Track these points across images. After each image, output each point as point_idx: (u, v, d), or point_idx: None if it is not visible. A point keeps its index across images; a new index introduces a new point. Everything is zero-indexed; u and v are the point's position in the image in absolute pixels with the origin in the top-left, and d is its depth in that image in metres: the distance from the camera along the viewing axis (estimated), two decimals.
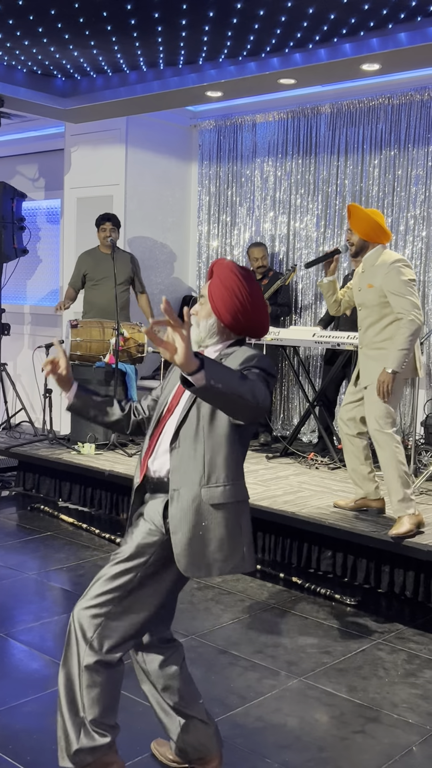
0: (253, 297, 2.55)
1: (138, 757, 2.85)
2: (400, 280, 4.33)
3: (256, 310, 2.56)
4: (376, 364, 4.40)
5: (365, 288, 4.48)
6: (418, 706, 3.29)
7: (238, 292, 2.52)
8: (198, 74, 6.19)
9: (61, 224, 8.23)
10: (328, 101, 7.00)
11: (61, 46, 5.92)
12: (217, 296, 2.52)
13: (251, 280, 2.58)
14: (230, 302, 2.52)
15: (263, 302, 2.61)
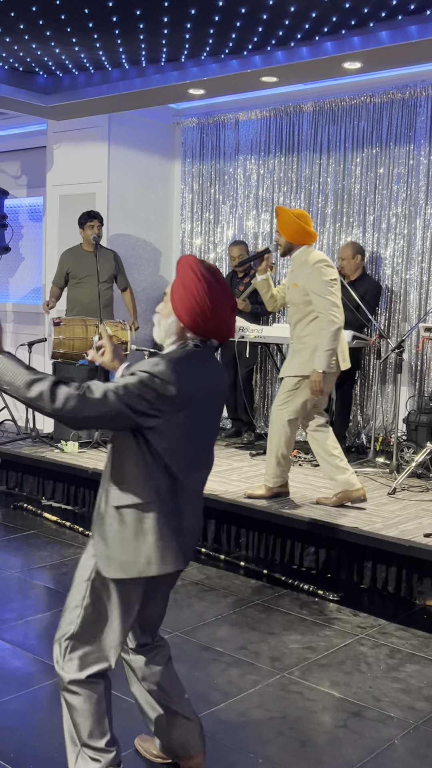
0: (213, 297, 2.43)
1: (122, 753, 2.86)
2: (321, 281, 4.66)
3: (217, 311, 2.44)
4: (295, 358, 4.76)
5: (292, 287, 4.81)
6: (400, 700, 3.32)
7: (195, 291, 2.42)
8: (180, 72, 6.19)
9: (43, 222, 8.21)
10: (311, 99, 7.02)
11: (42, 43, 5.90)
12: (177, 295, 2.45)
13: (214, 279, 2.46)
14: (187, 302, 2.43)
15: (227, 303, 2.48)
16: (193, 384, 2.41)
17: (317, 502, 4.99)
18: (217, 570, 4.78)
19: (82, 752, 2.49)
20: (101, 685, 2.49)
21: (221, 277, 2.50)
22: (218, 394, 2.56)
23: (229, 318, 2.51)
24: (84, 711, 2.47)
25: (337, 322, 4.65)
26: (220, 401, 2.59)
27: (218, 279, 2.48)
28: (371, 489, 5.46)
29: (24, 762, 2.81)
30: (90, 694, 2.47)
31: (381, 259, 6.79)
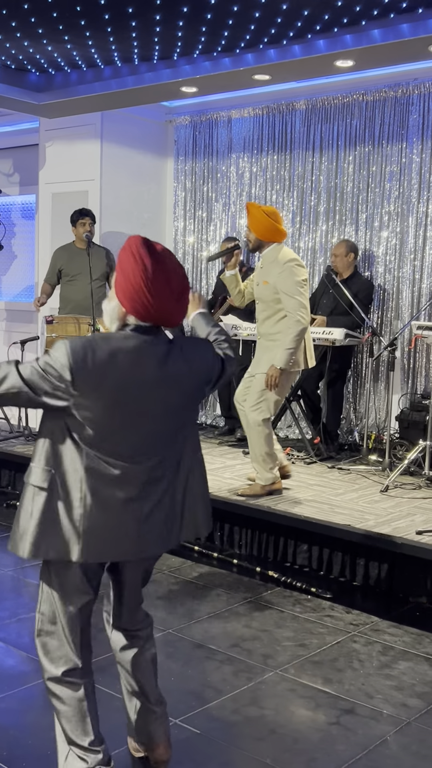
0: (150, 280, 2.32)
1: (114, 751, 2.86)
2: (292, 281, 4.73)
3: (155, 294, 2.34)
4: (266, 355, 4.88)
5: (262, 284, 4.87)
6: (393, 697, 3.33)
7: (131, 274, 2.34)
8: (172, 70, 6.19)
9: (36, 220, 8.19)
10: (303, 97, 7.03)
11: (34, 41, 5.89)
12: (116, 279, 2.39)
13: (154, 261, 2.34)
14: (124, 285, 2.35)
15: (169, 287, 2.36)
16: (110, 369, 2.31)
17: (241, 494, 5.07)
18: (210, 568, 4.78)
19: (71, 751, 2.52)
20: (80, 685, 2.50)
21: (168, 259, 2.38)
22: (164, 380, 2.39)
23: (170, 301, 2.38)
24: (66, 711, 2.50)
25: (303, 322, 4.76)
26: (170, 388, 2.41)
27: (160, 260, 2.35)
28: (364, 486, 5.48)
29: (17, 760, 2.81)
30: (70, 693, 2.49)
31: (373, 257, 6.80)
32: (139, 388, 2.36)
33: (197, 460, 2.63)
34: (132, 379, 2.34)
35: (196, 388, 2.51)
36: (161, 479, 2.48)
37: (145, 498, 2.44)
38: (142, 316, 2.37)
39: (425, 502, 5.12)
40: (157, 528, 2.48)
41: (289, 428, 7.16)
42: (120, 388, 2.33)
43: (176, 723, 3.07)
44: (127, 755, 2.85)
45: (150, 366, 2.38)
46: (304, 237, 7.16)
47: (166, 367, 2.41)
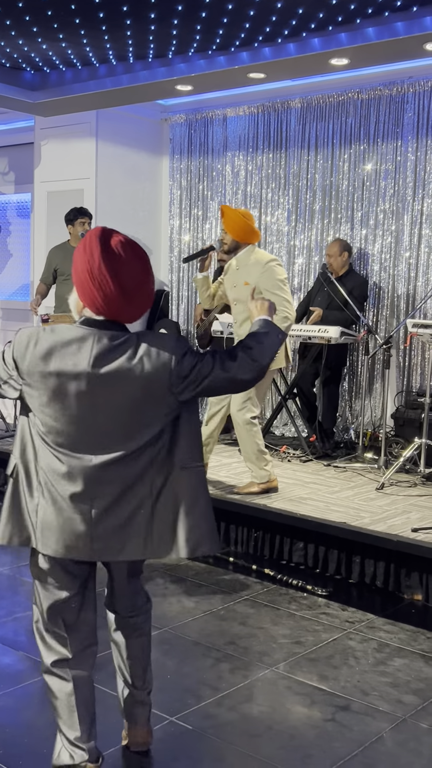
0: (96, 272, 2.26)
1: (112, 748, 2.87)
2: (275, 279, 4.80)
3: (100, 288, 2.27)
4: None
5: (241, 285, 4.87)
6: (388, 693, 3.34)
7: (79, 264, 2.30)
8: (168, 68, 6.19)
9: (31, 218, 8.19)
10: (298, 96, 7.03)
11: (29, 39, 5.89)
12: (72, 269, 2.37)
13: (104, 253, 2.27)
14: (74, 276, 2.32)
15: (116, 281, 2.27)
16: (50, 360, 2.30)
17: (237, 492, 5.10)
18: (207, 566, 4.79)
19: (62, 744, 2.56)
20: (68, 679, 2.52)
21: (124, 252, 2.30)
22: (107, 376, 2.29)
23: (117, 296, 2.29)
24: (55, 703, 2.54)
25: (290, 318, 4.82)
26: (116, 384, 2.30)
27: (111, 253, 2.28)
28: (360, 484, 5.49)
29: (13, 758, 2.81)
30: (59, 686, 2.52)
31: (369, 255, 6.81)
32: (77, 381, 2.31)
33: (185, 475, 2.44)
34: (71, 372, 2.31)
35: (153, 388, 2.33)
36: (114, 482, 2.37)
37: (94, 498, 2.36)
38: (95, 309, 2.34)
39: (421, 499, 5.13)
40: (112, 534, 2.39)
41: (285, 426, 7.17)
42: (59, 380, 2.31)
43: (172, 720, 3.07)
44: (122, 754, 2.86)
45: (90, 360, 2.30)
46: (300, 235, 7.16)
47: (111, 362, 2.30)
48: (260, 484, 5.08)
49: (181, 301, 7.98)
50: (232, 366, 2.42)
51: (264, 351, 2.48)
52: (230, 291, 4.99)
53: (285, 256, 7.26)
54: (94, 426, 2.35)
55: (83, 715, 2.53)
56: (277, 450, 6.31)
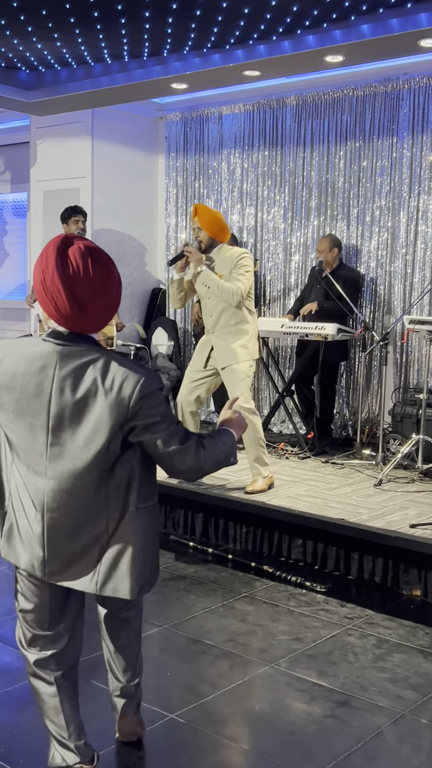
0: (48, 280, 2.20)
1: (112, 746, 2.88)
2: (242, 267, 4.94)
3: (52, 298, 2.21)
4: (236, 343, 4.97)
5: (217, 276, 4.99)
6: (387, 689, 3.35)
7: (36, 272, 2.26)
8: (163, 66, 6.18)
9: (27, 217, 8.18)
10: (294, 93, 7.03)
11: (24, 39, 5.88)
12: None
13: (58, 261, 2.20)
14: (35, 287, 2.28)
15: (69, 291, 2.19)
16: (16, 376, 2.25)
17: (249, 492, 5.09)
18: (205, 563, 4.80)
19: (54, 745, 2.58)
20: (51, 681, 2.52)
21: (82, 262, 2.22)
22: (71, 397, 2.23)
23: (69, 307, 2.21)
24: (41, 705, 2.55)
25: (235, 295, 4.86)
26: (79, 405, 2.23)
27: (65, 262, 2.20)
28: (357, 480, 5.50)
29: (13, 757, 2.82)
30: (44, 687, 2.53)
31: (365, 252, 6.81)
32: (38, 400, 2.25)
33: (138, 515, 2.37)
34: (33, 391, 2.25)
35: (108, 417, 2.22)
36: (67, 509, 2.30)
37: (49, 520, 2.32)
38: (54, 319, 2.27)
39: (418, 495, 5.14)
40: (65, 560, 2.35)
41: (283, 423, 7.17)
42: (21, 397, 2.26)
43: (172, 717, 3.08)
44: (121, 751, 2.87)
45: (53, 380, 2.24)
46: (296, 232, 7.17)
47: (74, 385, 2.23)
48: (266, 479, 5.13)
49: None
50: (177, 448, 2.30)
51: (210, 459, 2.38)
52: (201, 287, 5.02)
53: (281, 254, 7.27)
54: (47, 446, 2.27)
55: (69, 715, 2.54)
56: (275, 447, 6.32)
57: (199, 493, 5.12)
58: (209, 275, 4.92)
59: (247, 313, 5.03)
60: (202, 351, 5.18)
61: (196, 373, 5.19)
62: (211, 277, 4.91)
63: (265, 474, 5.13)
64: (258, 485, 5.08)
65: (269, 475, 5.16)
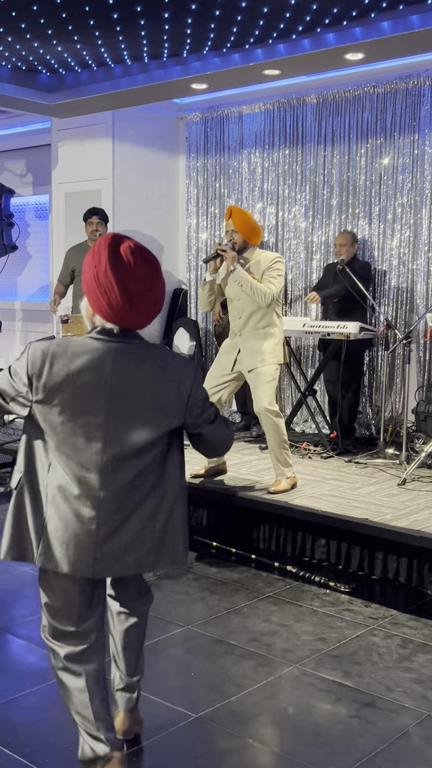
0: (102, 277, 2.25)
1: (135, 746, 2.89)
2: (275, 270, 4.94)
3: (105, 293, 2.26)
4: (264, 346, 4.96)
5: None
6: (413, 690, 3.33)
7: (87, 269, 2.29)
8: (183, 67, 6.19)
9: (49, 219, 8.23)
10: (314, 91, 7.01)
11: (44, 42, 5.92)
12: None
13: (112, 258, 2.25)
14: (83, 281, 2.32)
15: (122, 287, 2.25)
16: (67, 375, 2.28)
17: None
18: (229, 563, 4.80)
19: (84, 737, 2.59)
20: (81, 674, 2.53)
21: (134, 259, 2.28)
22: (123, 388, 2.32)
23: (123, 303, 2.28)
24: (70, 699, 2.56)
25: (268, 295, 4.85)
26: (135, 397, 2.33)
27: (119, 259, 2.26)
28: (381, 480, 5.48)
29: (39, 756, 2.84)
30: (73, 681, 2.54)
31: (387, 250, 6.78)
32: (93, 395, 2.30)
33: (182, 489, 2.53)
34: (89, 387, 2.29)
35: (165, 408, 2.37)
36: (123, 500, 2.39)
37: (103, 517, 2.37)
38: (102, 315, 2.33)
39: None
40: (119, 550, 2.41)
41: (305, 423, 7.16)
42: (76, 395, 2.29)
43: (197, 717, 3.09)
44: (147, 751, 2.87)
45: (108, 375, 2.31)
46: (317, 231, 7.14)
47: (128, 378, 2.32)
48: (289, 479, 5.11)
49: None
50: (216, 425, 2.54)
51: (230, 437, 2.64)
52: (233, 287, 5.00)
53: (303, 252, 7.25)
54: (110, 442, 2.34)
55: (98, 709, 2.55)
56: (297, 446, 6.30)
57: (222, 494, 5.12)
58: (243, 274, 4.89)
59: (275, 316, 5.01)
60: (229, 353, 5.14)
61: (220, 376, 5.13)
62: (244, 276, 4.89)
63: (289, 474, 5.12)
64: (281, 485, 5.07)
65: (292, 475, 5.15)
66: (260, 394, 4.93)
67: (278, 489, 5.05)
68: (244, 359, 5.04)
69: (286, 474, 5.11)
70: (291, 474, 5.13)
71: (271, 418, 4.94)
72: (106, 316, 2.33)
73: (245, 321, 5.01)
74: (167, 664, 3.54)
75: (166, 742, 2.93)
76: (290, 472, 5.13)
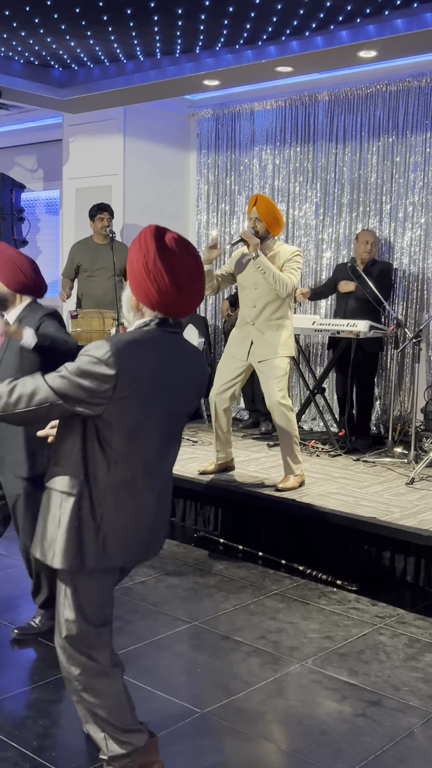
0: (151, 266, 2.29)
1: None
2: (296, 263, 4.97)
3: (155, 282, 2.30)
4: (277, 338, 4.95)
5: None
6: (419, 689, 3.33)
7: (135, 260, 2.32)
8: (195, 63, 6.19)
9: (60, 215, 8.24)
10: (326, 89, 6.99)
11: (57, 37, 5.92)
12: (127, 266, 2.40)
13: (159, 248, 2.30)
14: (130, 272, 2.34)
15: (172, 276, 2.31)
16: (146, 369, 2.29)
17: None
18: (236, 560, 4.80)
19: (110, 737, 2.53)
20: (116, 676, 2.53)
21: (179, 248, 2.33)
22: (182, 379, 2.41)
23: (172, 292, 2.32)
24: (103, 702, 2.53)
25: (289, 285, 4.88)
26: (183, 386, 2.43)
27: (166, 249, 2.31)
28: (389, 479, 5.47)
29: (46, 750, 2.85)
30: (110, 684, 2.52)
31: (398, 249, 6.76)
32: (166, 385, 2.36)
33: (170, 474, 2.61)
34: (163, 378, 2.34)
35: (194, 398, 2.53)
36: (166, 486, 2.53)
37: (158, 505, 2.48)
38: (149, 304, 2.36)
39: None
40: (155, 535, 2.53)
41: (314, 421, 7.15)
42: (152, 386, 2.31)
43: (203, 713, 3.09)
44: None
45: (178, 364, 2.41)
46: (328, 228, 7.13)
47: (185, 365, 2.45)
48: (298, 477, 5.12)
49: (209, 297, 7.97)
50: None
51: None
52: (249, 276, 4.97)
53: (313, 250, 7.23)
54: (164, 433, 2.42)
55: (130, 702, 2.54)
56: (305, 445, 6.30)
57: (229, 491, 5.12)
58: (266, 262, 4.86)
59: (289, 309, 5.01)
60: (242, 343, 5.06)
61: (234, 370, 5.07)
62: (268, 265, 4.86)
63: (297, 472, 5.11)
64: (289, 482, 5.07)
65: (301, 473, 5.15)
66: (273, 387, 4.92)
67: (287, 486, 5.05)
68: (255, 350, 5.02)
69: (295, 471, 5.10)
70: (300, 472, 5.13)
71: (284, 412, 4.93)
72: (153, 305, 2.36)
73: (260, 311, 4.99)
74: (174, 660, 3.54)
75: (171, 737, 2.93)
76: (299, 470, 5.13)
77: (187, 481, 5.25)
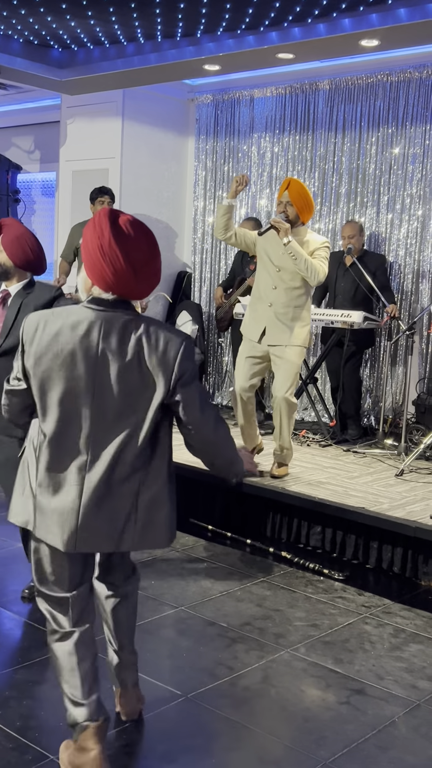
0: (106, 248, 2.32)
1: (124, 725, 2.90)
2: (325, 253, 4.91)
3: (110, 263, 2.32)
4: (291, 324, 4.89)
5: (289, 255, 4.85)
6: (403, 678, 3.34)
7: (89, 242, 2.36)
8: (196, 47, 6.14)
9: (56, 197, 8.19)
10: (327, 77, 6.96)
11: (58, 16, 5.86)
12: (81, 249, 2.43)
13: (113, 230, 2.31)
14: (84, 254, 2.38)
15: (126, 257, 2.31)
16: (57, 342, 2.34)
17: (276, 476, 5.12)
18: (224, 547, 4.80)
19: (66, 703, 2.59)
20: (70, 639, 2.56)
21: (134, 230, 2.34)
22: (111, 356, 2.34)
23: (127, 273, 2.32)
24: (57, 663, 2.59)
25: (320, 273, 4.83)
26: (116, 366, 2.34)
27: (120, 231, 2.32)
28: (379, 470, 5.48)
29: (29, 731, 2.85)
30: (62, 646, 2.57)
31: (394, 240, 6.75)
32: (81, 363, 2.34)
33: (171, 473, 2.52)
34: (77, 355, 2.34)
35: (150, 380, 2.36)
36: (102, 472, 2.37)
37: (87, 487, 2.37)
38: (104, 286, 2.36)
39: None
40: (99, 524, 2.39)
41: (305, 411, 7.15)
42: (64, 362, 2.34)
43: (188, 698, 3.10)
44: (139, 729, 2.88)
45: (99, 342, 2.34)
46: (325, 218, 7.11)
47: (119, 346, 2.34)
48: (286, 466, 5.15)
49: (204, 283, 7.96)
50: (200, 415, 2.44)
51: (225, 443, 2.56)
52: (277, 257, 4.88)
53: None
54: (87, 411, 2.36)
55: (85, 675, 2.53)
56: (296, 434, 6.30)
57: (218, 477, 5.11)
58: (298, 248, 4.77)
59: (309, 299, 4.97)
60: (256, 324, 4.95)
61: (251, 357, 4.99)
62: (299, 251, 4.76)
63: (288, 462, 5.13)
64: (283, 470, 5.12)
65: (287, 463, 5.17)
66: (283, 381, 4.90)
67: (282, 473, 5.08)
68: (271, 334, 4.92)
69: (286, 461, 5.12)
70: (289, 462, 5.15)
71: (287, 409, 4.93)
72: (108, 286, 2.36)
73: (280, 294, 4.88)
74: (159, 645, 3.55)
75: (155, 720, 2.94)
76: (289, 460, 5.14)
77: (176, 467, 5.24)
